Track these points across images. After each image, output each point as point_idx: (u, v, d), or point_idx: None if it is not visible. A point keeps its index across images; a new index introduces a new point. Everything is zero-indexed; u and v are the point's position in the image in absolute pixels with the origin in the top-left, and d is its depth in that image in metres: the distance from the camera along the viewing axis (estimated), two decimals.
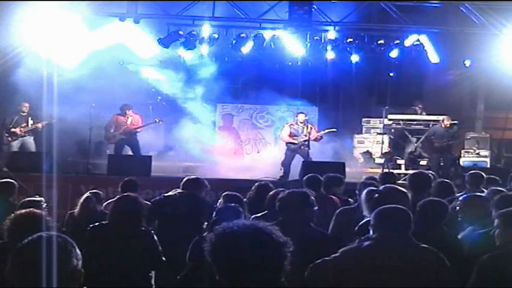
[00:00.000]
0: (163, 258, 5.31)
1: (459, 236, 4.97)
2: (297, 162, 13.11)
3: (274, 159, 13.85)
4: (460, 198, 5.35)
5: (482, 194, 5.81)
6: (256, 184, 7.17)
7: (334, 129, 13.66)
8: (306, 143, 12.95)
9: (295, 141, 13.04)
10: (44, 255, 2.48)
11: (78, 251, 2.60)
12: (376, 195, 4.96)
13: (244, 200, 6.38)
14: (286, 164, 12.86)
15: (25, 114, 13.34)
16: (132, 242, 5.04)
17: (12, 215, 4.28)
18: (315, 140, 13.22)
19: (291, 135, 13.18)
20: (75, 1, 13.47)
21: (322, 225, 5.22)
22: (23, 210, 4.29)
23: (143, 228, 5.29)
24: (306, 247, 3.68)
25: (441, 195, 6.05)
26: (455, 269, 3.82)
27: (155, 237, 5.27)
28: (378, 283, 3.65)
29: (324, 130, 13.45)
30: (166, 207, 6.50)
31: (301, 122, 13.25)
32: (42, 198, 5.94)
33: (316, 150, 13.52)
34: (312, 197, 4.86)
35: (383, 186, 5.48)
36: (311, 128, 13.28)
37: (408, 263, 3.70)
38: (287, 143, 13.22)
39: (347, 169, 12.39)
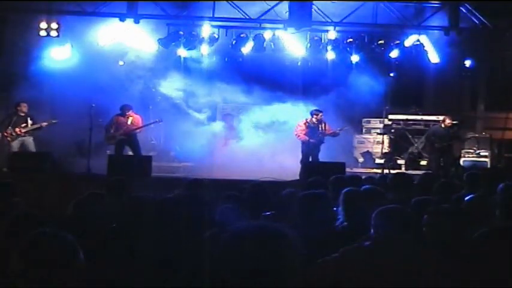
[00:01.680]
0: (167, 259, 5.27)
1: None
2: (297, 162, 13.13)
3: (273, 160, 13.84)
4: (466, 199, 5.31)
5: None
6: (250, 184, 7.15)
7: (347, 127, 13.91)
8: (323, 138, 13.26)
9: (311, 140, 13.21)
10: (51, 251, 2.49)
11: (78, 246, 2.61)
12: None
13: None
14: (305, 162, 12.94)
15: (24, 114, 13.30)
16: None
17: (11, 216, 4.27)
18: (333, 135, 13.41)
19: (306, 133, 13.26)
20: (76, 1, 13.50)
21: None
22: (23, 211, 4.29)
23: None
24: (327, 247, 3.73)
25: (444, 195, 6.04)
26: None
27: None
28: (378, 283, 3.66)
29: (341, 128, 13.60)
30: (167, 208, 6.49)
31: (317, 120, 13.32)
32: (19, 199, 5.93)
33: None
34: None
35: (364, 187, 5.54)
36: (325, 124, 13.39)
37: (408, 264, 3.70)
38: (303, 142, 13.31)
39: (347, 169, 12.39)
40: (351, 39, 13.96)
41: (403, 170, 14.44)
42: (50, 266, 2.46)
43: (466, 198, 5.30)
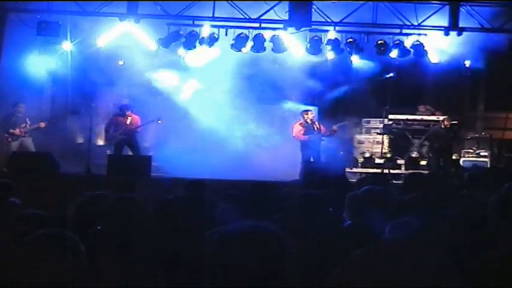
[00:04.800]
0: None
1: None
2: (297, 161, 13.14)
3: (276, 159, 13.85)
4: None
5: None
6: (250, 184, 7.14)
7: (346, 122, 14.17)
8: (323, 138, 13.45)
9: (311, 138, 13.38)
10: (54, 251, 2.49)
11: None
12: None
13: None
14: (306, 162, 13.03)
15: (22, 115, 13.32)
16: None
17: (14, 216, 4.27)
18: (332, 133, 13.59)
19: (305, 133, 13.38)
20: (76, 1, 13.50)
21: None
22: (28, 211, 4.29)
23: None
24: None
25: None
26: None
27: None
28: (383, 285, 3.62)
29: (339, 125, 13.81)
30: (168, 209, 6.47)
31: (311, 120, 13.51)
32: (15, 198, 5.93)
33: None
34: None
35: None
36: (319, 125, 13.59)
37: (415, 266, 3.67)
38: (302, 141, 13.40)
39: (347, 169, 12.40)
40: (351, 39, 13.95)
41: (403, 170, 14.45)
42: (53, 266, 2.46)
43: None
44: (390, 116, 14.91)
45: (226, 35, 14.07)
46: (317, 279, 3.81)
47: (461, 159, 14.76)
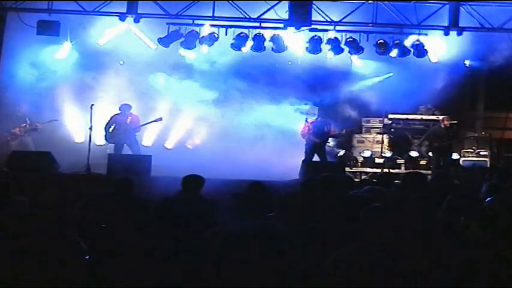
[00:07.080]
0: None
1: None
2: (297, 161, 13.13)
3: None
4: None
5: None
6: (250, 183, 7.13)
7: (348, 129, 14.45)
8: (329, 139, 13.81)
9: (317, 140, 13.49)
10: (56, 250, 2.50)
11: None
12: None
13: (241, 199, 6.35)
14: (307, 161, 13.08)
15: (21, 114, 13.36)
16: None
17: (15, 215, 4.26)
18: (336, 136, 14.03)
19: (311, 132, 13.53)
20: (76, 1, 13.51)
21: None
22: (34, 211, 4.29)
23: None
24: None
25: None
26: None
27: None
28: (370, 284, 3.62)
29: (343, 130, 14.09)
30: (169, 207, 6.47)
31: (320, 121, 13.79)
32: (23, 198, 5.94)
33: None
34: None
35: None
36: (330, 125, 13.76)
37: (402, 263, 3.67)
38: (307, 141, 13.50)
39: (347, 169, 12.40)
40: (350, 39, 13.95)
41: (402, 169, 14.45)
42: (54, 265, 2.47)
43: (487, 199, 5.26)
44: (390, 116, 14.92)
45: (226, 34, 14.08)
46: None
47: (461, 159, 14.76)
